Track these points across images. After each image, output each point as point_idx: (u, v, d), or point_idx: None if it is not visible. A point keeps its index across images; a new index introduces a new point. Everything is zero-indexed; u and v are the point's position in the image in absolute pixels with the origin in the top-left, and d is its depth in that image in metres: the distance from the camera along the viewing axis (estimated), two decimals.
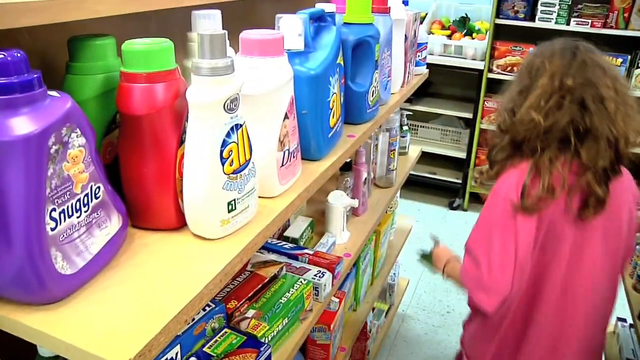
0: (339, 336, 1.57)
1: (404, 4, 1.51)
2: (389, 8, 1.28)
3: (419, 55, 1.76)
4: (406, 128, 2.01)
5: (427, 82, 2.07)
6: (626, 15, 2.83)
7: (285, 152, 0.87)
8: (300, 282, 1.17)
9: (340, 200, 1.46)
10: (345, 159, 1.10)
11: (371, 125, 1.24)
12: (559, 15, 2.96)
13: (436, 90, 3.65)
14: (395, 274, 2.26)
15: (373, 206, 1.68)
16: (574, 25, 2.92)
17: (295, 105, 0.90)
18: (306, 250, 1.31)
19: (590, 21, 2.90)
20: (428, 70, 1.86)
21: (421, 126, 3.61)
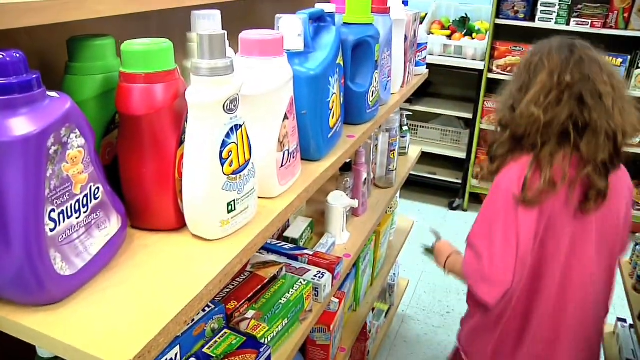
0: (338, 337, 1.57)
1: (404, 4, 1.51)
2: (389, 8, 1.28)
3: (419, 56, 1.76)
4: (406, 128, 2.01)
5: (427, 82, 2.07)
6: (626, 15, 2.83)
7: (284, 153, 0.87)
8: (300, 283, 1.17)
9: (340, 201, 1.46)
10: (345, 160, 1.10)
11: (371, 126, 1.24)
12: (558, 15, 2.96)
13: (436, 91, 3.65)
14: (395, 274, 2.26)
15: (373, 206, 1.68)
16: (574, 26, 2.92)
17: (295, 106, 0.89)
18: (306, 251, 1.31)
19: (590, 21, 2.90)
20: (428, 71, 1.86)
21: (421, 126, 3.61)
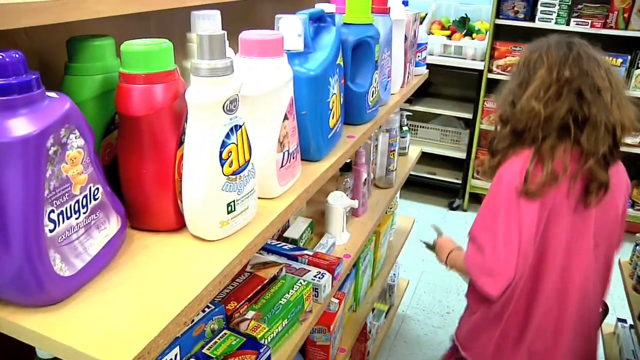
0: (338, 337, 1.57)
1: (404, 4, 1.51)
2: (389, 8, 1.28)
3: (419, 56, 1.75)
4: (406, 128, 2.01)
5: (427, 83, 2.07)
6: (626, 15, 2.83)
7: (284, 153, 0.86)
8: (300, 283, 1.17)
9: (340, 201, 1.45)
10: (345, 160, 1.10)
11: (371, 126, 1.23)
12: (558, 15, 2.96)
13: (436, 91, 3.65)
14: (395, 274, 2.26)
15: (373, 207, 1.67)
16: (574, 26, 2.92)
17: (295, 106, 0.89)
18: (306, 251, 1.30)
19: (590, 21, 2.90)
20: (428, 71, 1.86)
21: (421, 126, 3.61)
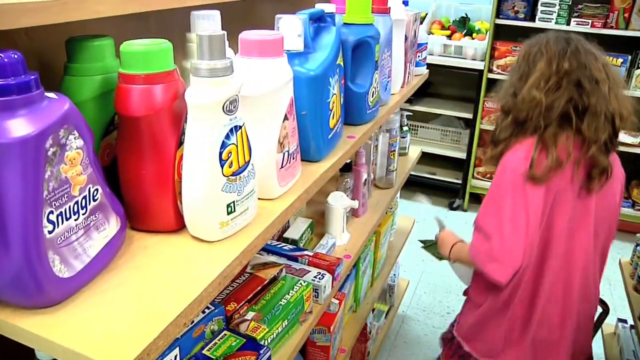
0: (338, 338, 1.57)
1: (404, 4, 1.51)
2: (389, 8, 1.28)
3: (419, 56, 1.75)
4: (406, 129, 2.01)
5: (427, 83, 2.06)
6: (626, 15, 2.83)
7: (284, 154, 0.86)
8: (300, 284, 1.17)
9: (340, 202, 1.45)
10: (345, 160, 1.10)
11: (371, 126, 1.23)
12: (559, 15, 2.96)
13: (436, 91, 3.65)
14: (395, 275, 2.26)
15: (373, 207, 1.67)
16: (574, 26, 2.92)
17: (295, 107, 0.89)
18: (306, 252, 1.30)
19: (590, 21, 2.90)
20: (428, 71, 1.86)
21: (421, 126, 3.61)
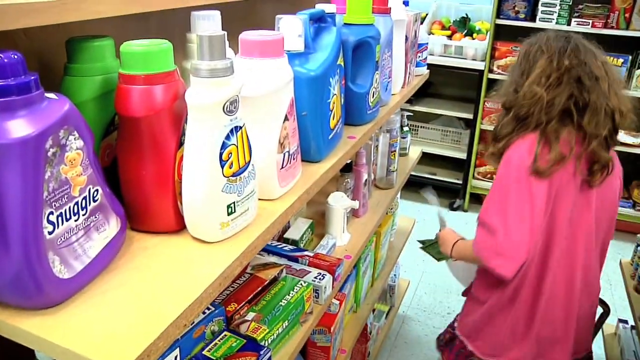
0: (339, 338, 1.56)
1: (405, 4, 1.51)
2: (390, 9, 1.27)
3: (420, 56, 1.75)
4: (407, 129, 2.00)
5: (428, 83, 2.06)
6: (627, 15, 2.83)
7: (285, 154, 0.86)
8: (301, 285, 1.16)
9: (340, 202, 1.45)
10: (346, 161, 1.10)
11: (372, 127, 1.23)
12: (559, 15, 2.96)
13: (436, 91, 3.65)
14: (395, 275, 2.26)
15: (373, 207, 1.67)
16: (575, 26, 2.92)
17: (295, 107, 0.89)
18: (306, 252, 1.30)
19: (591, 21, 2.90)
20: (428, 71, 1.86)
21: (421, 127, 3.61)
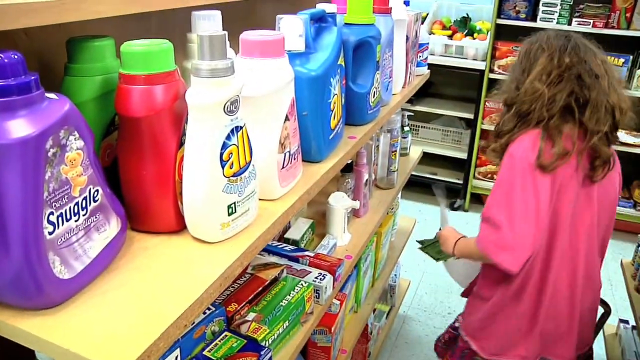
0: (339, 338, 1.56)
1: (405, 4, 1.51)
2: (390, 8, 1.27)
3: (420, 56, 1.75)
4: (407, 129, 2.00)
5: (428, 83, 2.06)
6: (628, 15, 2.83)
7: (285, 154, 0.86)
8: (301, 285, 1.16)
9: (341, 202, 1.45)
10: (347, 161, 1.10)
11: (372, 127, 1.23)
12: (560, 15, 2.95)
13: (437, 91, 3.65)
14: (396, 275, 2.26)
15: (374, 207, 1.67)
16: (576, 25, 2.91)
17: (296, 107, 0.89)
18: (307, 253, 1.30)
19: (592, 21, 2.89)
20: (429, 71, 1.86)
21: (422, 126, 3.61)
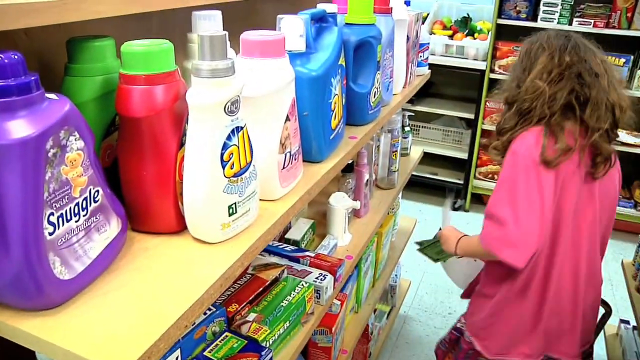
0: (340, 339, 1.56)
1: (406, 4, 1.51)
2: (391, 8, 1.27)
3: (421, 56, 1.75)
4: (408, 129, 2.00)
5: (429, 83, 2.06)
6: (629, 15, 2.82)
7: (286, 155, 0.86)
8: (302, 285, 1.16)
9: (341, 202, 1.45)
10: (347, 161, 1.09)
11: (373, 127, 1.23)
12: (561, 15, 2.95)
13: (438, 91, 3.64)
14: (397, 275, 2.26)
15: (375, 208, 1.67)
16: (577, 25, 2.91)
17: (297, 107, 0.89)
18: (307, 253, 1.30)
19: (592, 21, 2.89)
20: (430, 71, 1.85)
21: (423, 127, 3.60)
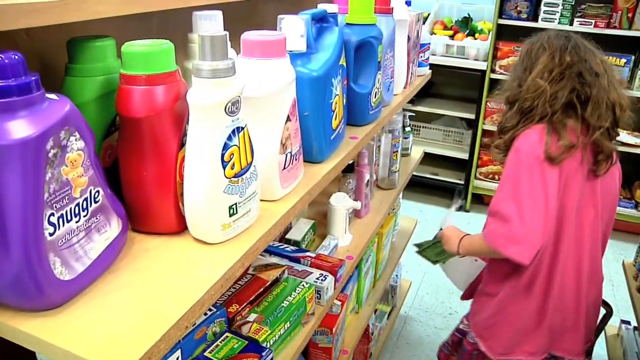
0: (341, 339, 1.56)
1: (407, 4, 1.50)
2: (392, 8, 1.27)
3: (422, 56, 1.75)
4: (409, 129, 2.00)
5: (430, 83, 2.06)
6: (630, 15, 2.82)
7: (287, 155, 0.86)
8: (302, 286, 1.16)
9: (342, 202, 1.45)
10: (348, 161, 1.09)
11: (374, 127, 1.23)
12: (562, 15, 2.95)
13: (438, 91, 3.64)
14: (397, 275, 2.25)
15: (375, 208, 1.67)
16: (577, 26, 2.91)
17: (298, 107, 0.88)
18: (308, 253, 1.30)
19: (593, 21, 2.89)
20: (430, 71, 1.85)
21: (423, 127, 3.60)
